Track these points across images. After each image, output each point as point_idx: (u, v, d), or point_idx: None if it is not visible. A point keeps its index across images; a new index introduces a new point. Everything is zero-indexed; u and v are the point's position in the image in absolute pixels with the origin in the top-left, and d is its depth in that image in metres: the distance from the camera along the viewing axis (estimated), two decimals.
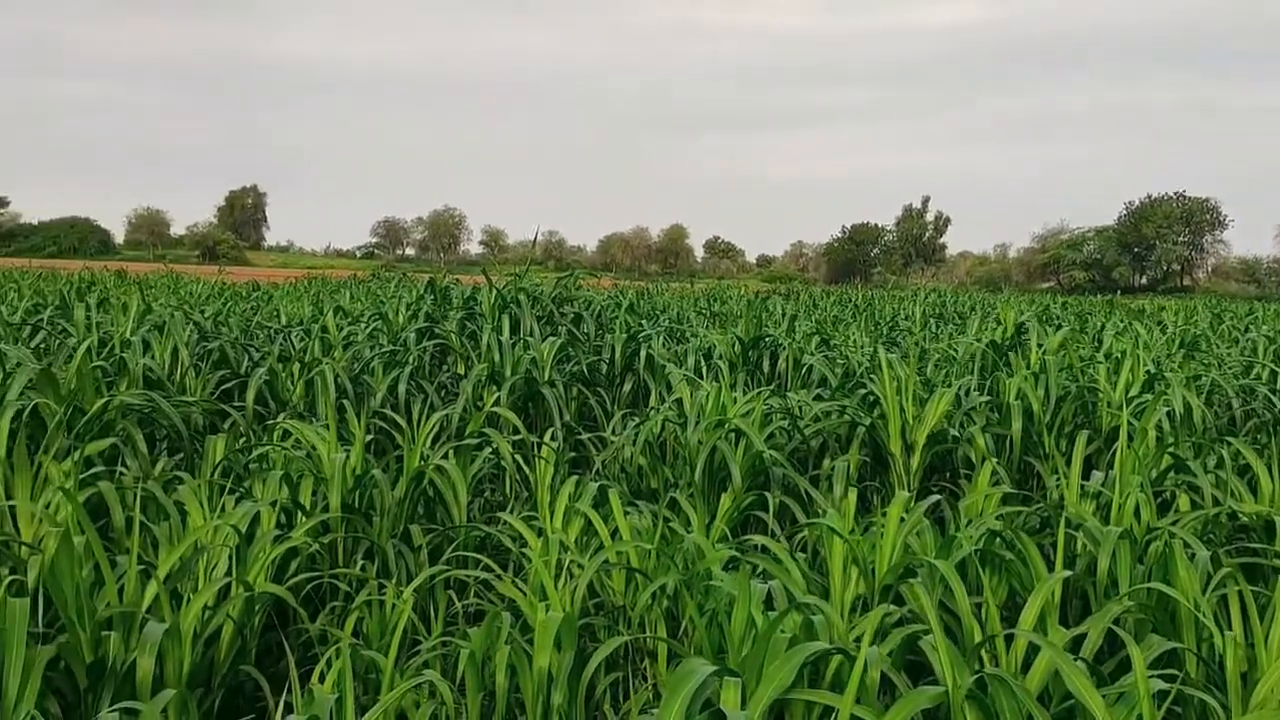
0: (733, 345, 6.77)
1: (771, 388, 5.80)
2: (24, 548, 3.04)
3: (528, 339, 6.69)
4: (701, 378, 6.14)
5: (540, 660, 2.71)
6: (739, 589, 2.58)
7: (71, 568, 2.62)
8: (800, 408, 5.20)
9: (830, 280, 69.81)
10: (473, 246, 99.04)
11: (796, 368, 6.53)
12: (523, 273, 8.06)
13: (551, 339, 6.60)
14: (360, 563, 3.90)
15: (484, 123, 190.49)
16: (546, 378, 6.07)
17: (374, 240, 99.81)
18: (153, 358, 5.62)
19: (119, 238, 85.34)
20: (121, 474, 3.83)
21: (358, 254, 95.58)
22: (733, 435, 4.51)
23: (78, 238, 77.37)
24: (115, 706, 2.46)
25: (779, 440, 4.88)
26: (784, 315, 10.87)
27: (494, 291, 7.61)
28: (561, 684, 2.72)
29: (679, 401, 5.43)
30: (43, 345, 5.46)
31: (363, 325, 7.87)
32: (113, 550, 3.37)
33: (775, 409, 5.12)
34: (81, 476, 3.56)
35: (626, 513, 3.76)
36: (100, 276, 18.75)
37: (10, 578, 2.67)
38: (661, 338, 7.20)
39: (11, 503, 3.31)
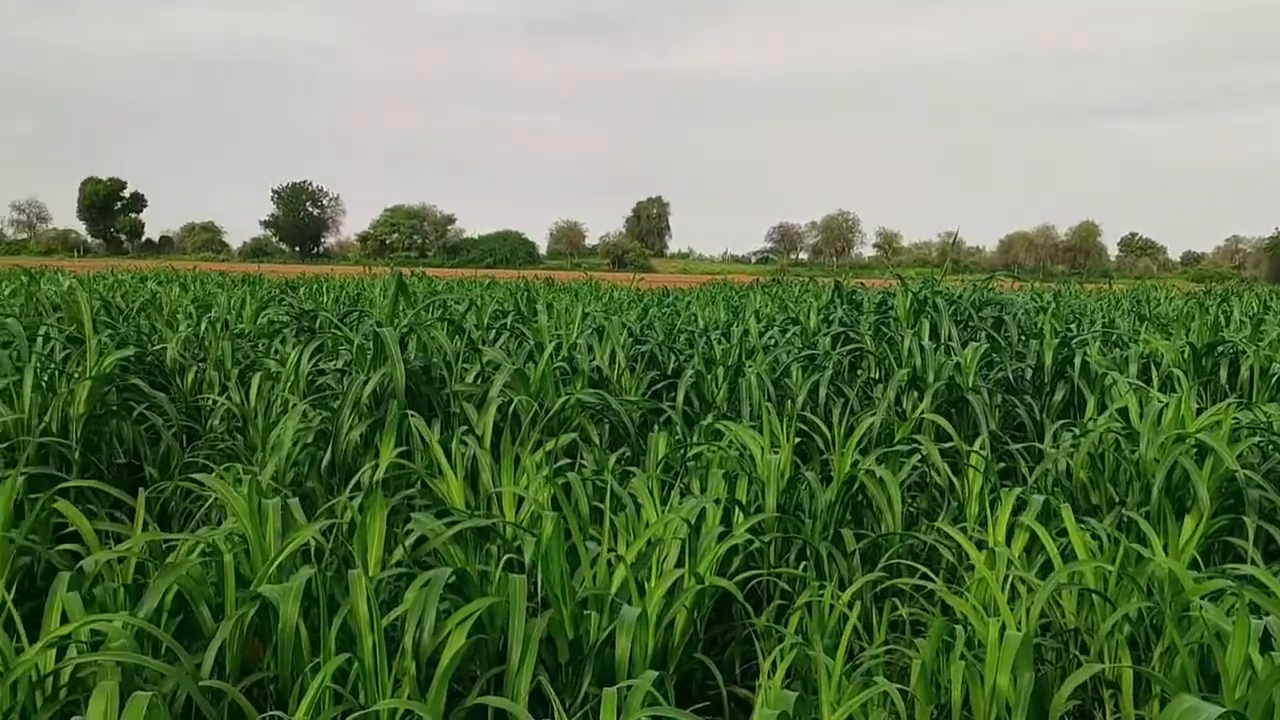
0: (1183, 352, 6.14)
1: (1235, 399, 5.19)
2: (509, 528, 3.40)
3: (948, 344, 6.50)
4: (1146, 386, 5.63)
5: (1000, 679, 2.61)
6: (1236, 625, 2.32)
7: (558, 551, 2.89)
8: (1276, 423, 4.61)
9: (1273, 278, 61.53)
10: (866, 249, 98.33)
11: (1263, 377, 5.79)
12: (940, 276, 7.83)
13: (973, 344, 6.36)
14: (793, 563, 3.98)
15: (877, 123, 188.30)
16: (970, 384, 5.86)
17: (768, 245, 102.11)
18: (594, 359, 6.09)
19: (542, 248, 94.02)
20: (581, 465, 4.18)
21: (752, 259, 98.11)
22: (1193, 451, 4.09)
23: (509, 249, 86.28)
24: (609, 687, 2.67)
25: (1250, 458, 4.36)
26: (1244, 317, 9.70)
27: (909, 295, 7.47)
28: (1022, 708, 2.59)
29: (1122, 412, 5.02)
30: (505, 347, 6.10)
31: (776, 329, 8.04)
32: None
33: (1243, 423, 4.58)
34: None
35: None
36: (533, 284, 20.70)
37: (506, 556, 3.00)
38: (1097, 343, 6.69)
39: (497, 489, 3.71)
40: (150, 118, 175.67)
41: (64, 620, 2.60)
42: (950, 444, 4.82)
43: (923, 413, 5.25)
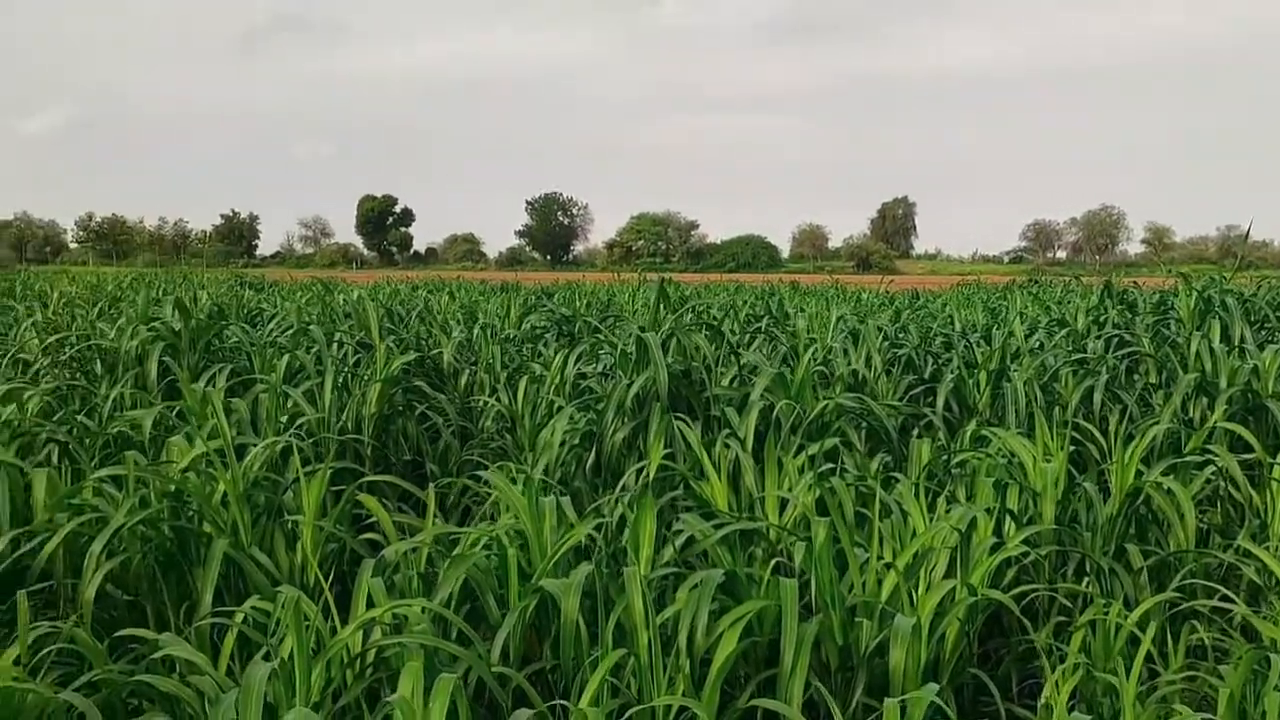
0: None
1: None
2: (775, 531, 3.40)
3: (1241, 346, 5.96)
4: None
5: None
6: None
7: (827, 556, 2.87)
8: None
9: None
10: (1132, 246, 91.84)
11: None
12: (1230, 273, 7.20)
13: (1271, 346, 5.80)
14: (1070, 579, 3.77)
15: (1144, 115, 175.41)
16: (1270, 390, 5.35)
17: (1022, 244, 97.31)
18: (850, 363, 6.00)
19: (784, 252, 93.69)
20: (843, 470, 4.12)
21: (1005, 259, 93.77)
22: None
23: (751, 253, 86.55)
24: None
25: None
26: None
27: (1193, 294, 6.91)
28: None
29: None
30: (760, 350, 6.12)
31: (1041, 331, 7.64)
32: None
33: None
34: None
35: None
36: (778, 287, 20.67)
37: (775, 560, 3.01)
38: None
39: (760, 493, 3.73)
40: (417, 138, 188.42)
41: (369, 604, 2.83)
42: (1249, 455, 4.42)
43: (1216, 421, 4.83)
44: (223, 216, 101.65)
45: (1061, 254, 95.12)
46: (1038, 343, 7.14)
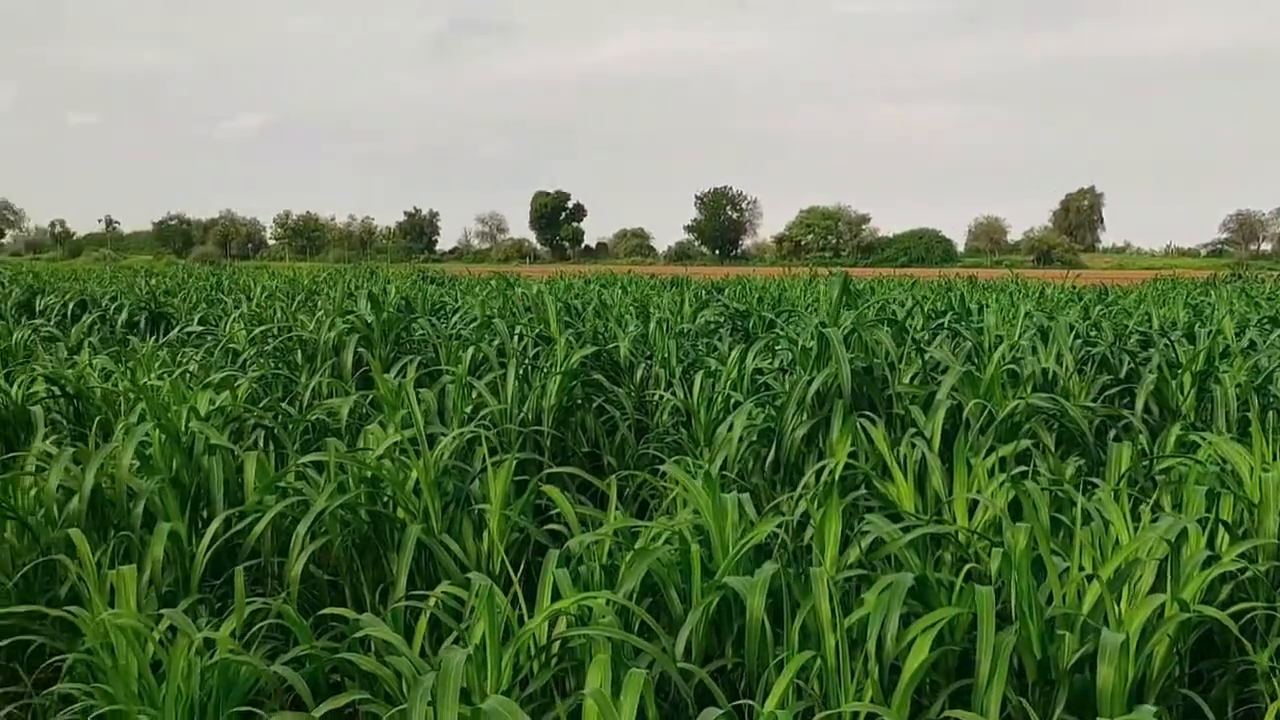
0: None
1: None
2: (966, 535, 3.27)
3: None
4: None
5: None
6: None
7: (1025, 563, 2.73)
8: None
9: None
10: None
11: None
12: None
13: None
14: None
15: None
16: None
17: (1223, 236, 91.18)
18: (1040, 361, 5.73)
19: (959, 246, 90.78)
20: (1035, 474, 3.93)
21: (1202, 252, 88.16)
22: None
23: (924, 247, 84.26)
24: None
25: None
26: None
27: None
28: None
29: None
30: (942, 347, 5.92)
31: (1253, 329, 7.12)
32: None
33: None
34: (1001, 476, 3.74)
35: None
36: (955, 282, 20.05)
37: (967, 565, 2.89)
38: None
39: (949, 496, 3.60)
40: (590, 134, 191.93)
41: (554, 594, 2.87)
42: None
43: None
44: (405, 213, 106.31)
45: (1266, 246, 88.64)
46: (1248, 342, 6.65)
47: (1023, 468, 4.16)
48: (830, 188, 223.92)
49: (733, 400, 5.36)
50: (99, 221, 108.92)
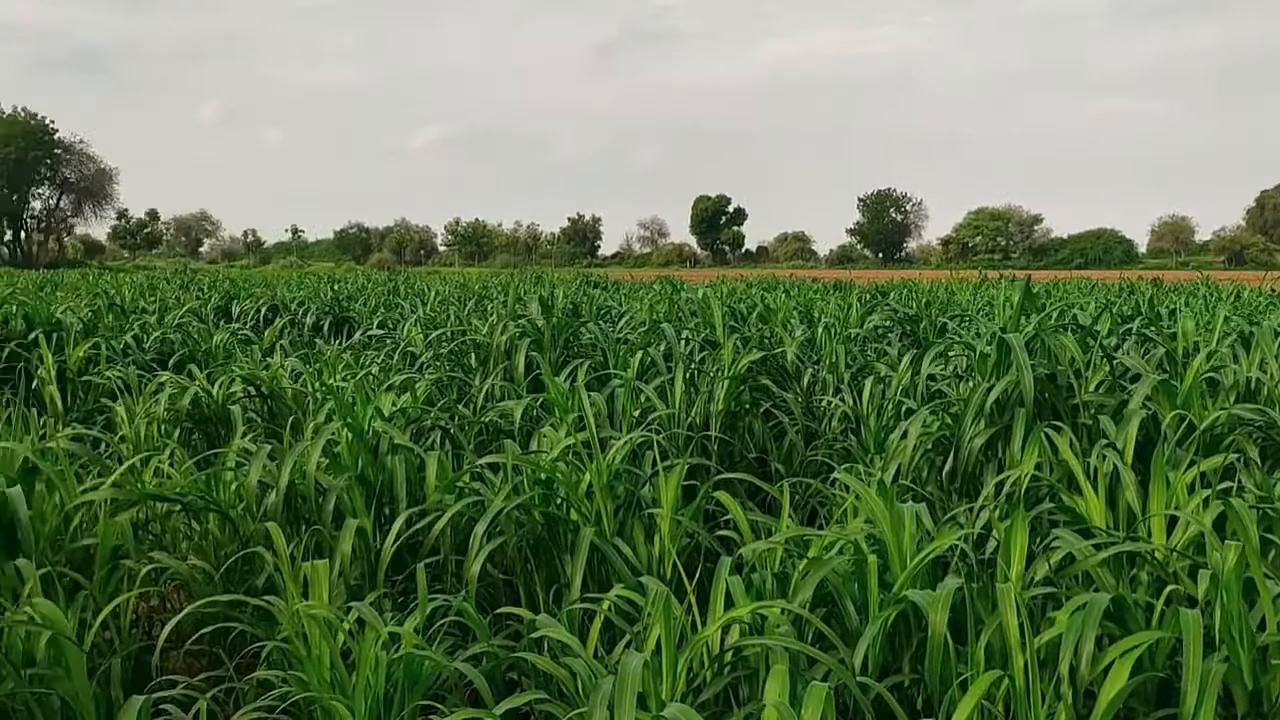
0: None
1: None
2: (1164, 553, 3.08)
3: None
4: None
5: None
6: None
7: (1235, 586, 2.54)
8: None
9: None
10: None
11: None
12: None
13: None
14: None
15: None
16: None
17: None
18: (1243, 370, 5.35)
19: (1140, 246, 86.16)
20: (1241, 490, 3.67)
21: None
22: None
23: (1102, 248, 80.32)
24: None
25: None
26: None
27: None
28: None
29: None
30: (1129, 353, 5.60)
31: None
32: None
33: None
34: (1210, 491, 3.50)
35: None
36: (1136, 285, 19.04)
37: (1169, 587, 2.71)
38: None
39: (1147, 514, 3.39)
40: (750, 138, 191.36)
41: (728, 601, 2.84)
42: None
43: None
44: (569, 219, 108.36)
45: None
46: None
47: (1227, 483, 3.89)
48: (999, 188, 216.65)
49: (904, 407, 5.22)
50: (285, 230, 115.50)
